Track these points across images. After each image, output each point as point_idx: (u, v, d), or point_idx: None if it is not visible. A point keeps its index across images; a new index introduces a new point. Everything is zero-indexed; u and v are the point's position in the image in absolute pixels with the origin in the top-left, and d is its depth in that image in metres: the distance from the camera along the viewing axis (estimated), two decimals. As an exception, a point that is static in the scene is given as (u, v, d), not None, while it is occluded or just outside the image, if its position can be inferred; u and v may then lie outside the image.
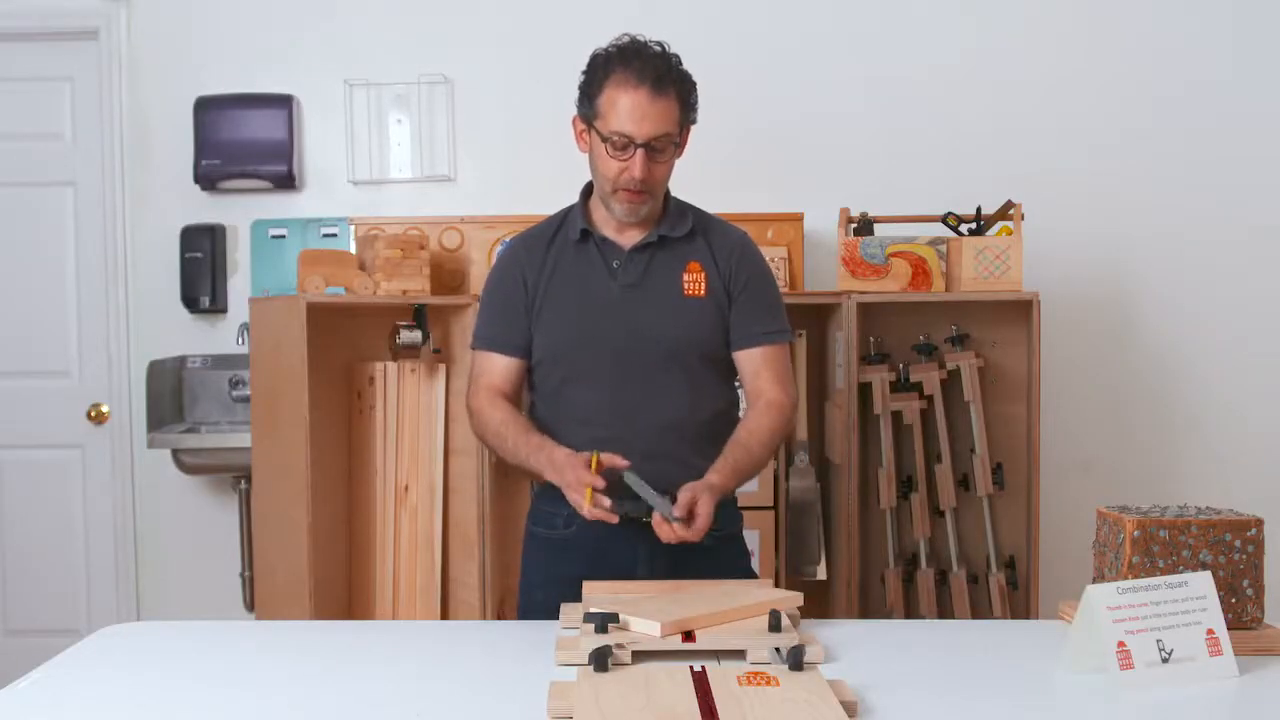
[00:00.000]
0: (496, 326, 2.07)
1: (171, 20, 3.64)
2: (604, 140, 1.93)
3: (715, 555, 1.97)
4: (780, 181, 3.53)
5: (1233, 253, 3.56)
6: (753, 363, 2.06)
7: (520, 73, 3.62)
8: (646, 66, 1.90)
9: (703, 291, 2.02)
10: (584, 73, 1.98)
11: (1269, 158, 3.56)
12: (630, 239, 2.03)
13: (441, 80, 3.64)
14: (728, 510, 2.08)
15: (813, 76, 3.59)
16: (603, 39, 1.98)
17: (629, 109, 1.90)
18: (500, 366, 2.05)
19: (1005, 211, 3.04)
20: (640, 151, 1.91)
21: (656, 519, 1.83)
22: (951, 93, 3.58)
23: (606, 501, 1.81)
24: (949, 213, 3.07)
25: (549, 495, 2.02)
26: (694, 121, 1.99)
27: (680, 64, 1.95)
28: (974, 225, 3.06)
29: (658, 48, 1.93)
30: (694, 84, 1.97)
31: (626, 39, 1.95)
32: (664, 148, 1.94)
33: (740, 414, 2.11)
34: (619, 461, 1.85)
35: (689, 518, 1.81)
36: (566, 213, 2.10)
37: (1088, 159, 3.56)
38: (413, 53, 3.62)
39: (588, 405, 2.00)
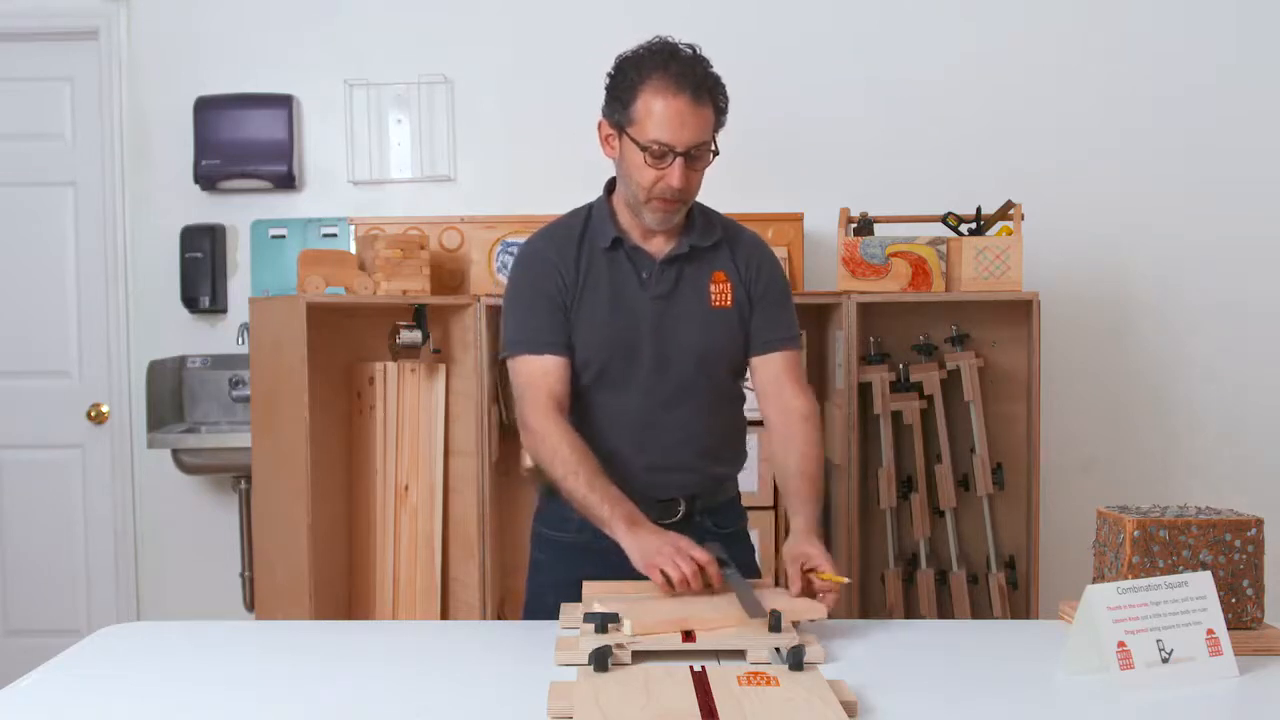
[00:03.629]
0: (543, 326, 1.93)
1: (171, 20, 3.64)
2: (641, 149, 1.85)
3: (724, 551, 1.97)
4: (780, 181, 3.53)
5: (1233, 253, 3.56)
6: (773, 369, 2.01)
7: (521, 73, 3.61)
8: (685, 72, 1.83)
9: (729, 302, 1.98)
10: (612, 75, 1.90)
11: (1269, 158, 3.56)
12: (658, 246, 1.97)
13: (441, 80, 3.64)
14: (733, 508, 2.09)
15: (813, 77, 3.59)
16: (603, 39, 1.97)
17: (668, 117, 1.82)
18: (555, 368, 1.93)
19: (1005, 211, 3.04)
20: (679, 160, 1.84)
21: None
22: (951, 93, 3.58)
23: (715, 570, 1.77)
24: (949, 213, 3.07)
25: (559, 498, 2.01)
26: (724, 125, 1.92)
27: (711, 66, 1.88)
28: (974, 225, 3.06)
29: (689, 50, 1.86)
30: (725, 87, 1.90)
31: (657, 41, 1.88)
32: (701, 155, 1.88)
33: (744, 412, 2.09)
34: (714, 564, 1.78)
35: (809, 586, 1.76)
36: (588, 214, 2.01)
37: (1088, 159, 3.56)
38: (413, 53, 3.62)
39: (611, 412, 1.96)
